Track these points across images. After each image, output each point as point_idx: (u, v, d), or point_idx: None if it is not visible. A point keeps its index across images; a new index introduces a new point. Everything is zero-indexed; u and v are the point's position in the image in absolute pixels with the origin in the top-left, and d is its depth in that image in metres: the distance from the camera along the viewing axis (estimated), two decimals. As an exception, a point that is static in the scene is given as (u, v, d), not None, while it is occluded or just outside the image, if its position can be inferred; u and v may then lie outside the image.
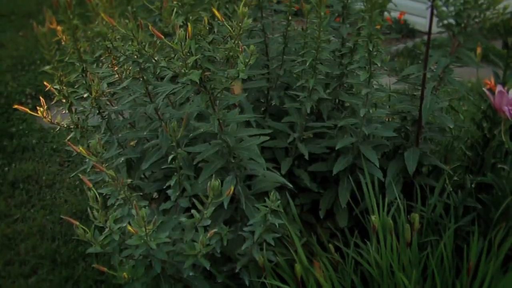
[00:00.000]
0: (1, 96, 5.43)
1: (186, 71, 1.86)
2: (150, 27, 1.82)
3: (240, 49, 1.90)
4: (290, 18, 2.53)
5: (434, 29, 2.53)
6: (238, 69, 1.90)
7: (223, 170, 2.30)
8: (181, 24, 1.88)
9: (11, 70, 6.08)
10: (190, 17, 1.91)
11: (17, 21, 7.71)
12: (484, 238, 2.38)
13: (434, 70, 2.61)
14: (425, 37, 2.51)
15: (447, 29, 2.63)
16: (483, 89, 2.60)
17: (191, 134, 2.26)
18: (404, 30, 6.50)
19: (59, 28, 2.44)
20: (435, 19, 2.53)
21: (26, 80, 5.78)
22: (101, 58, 2.56)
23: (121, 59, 2.26)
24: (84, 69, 2.39)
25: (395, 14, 6.47)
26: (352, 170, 2.63)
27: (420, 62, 2.64)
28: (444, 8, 2.60)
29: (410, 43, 6.26)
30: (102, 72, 2.51)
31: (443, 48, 2.67)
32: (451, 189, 2.59)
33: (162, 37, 1.81)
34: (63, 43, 2.42)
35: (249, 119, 2.37)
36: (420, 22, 6.40)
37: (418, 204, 2.56)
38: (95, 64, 2.58)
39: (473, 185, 2.70)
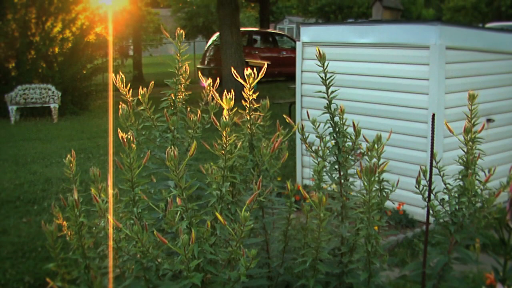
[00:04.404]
0: (-1, 284, 5.40)
1: (188, 274, 1.89)
2: (155, 232, 1.88)
3: (242, 253, 1.94)
4: (290, 217, 2.59)
5: (432, 218, 2.60)
6: (239, 272, 1.93)
7: None
8: (185, 228, 1.94)
9: (11, 257, 6.07)
10: (194, 221, 1.98)
11: (22, 207, 7.83)
12: None
13: (434, 266, 2.63)
14: (425, 227, 2.57)
15: (443, 227, 2.69)
16: (483, 288, 2.61)
17: None
18: (404, 220, 6.55)
19: (65, 223, 2.50)
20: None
21: (25, 267, 5.75)
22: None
23: (125, 258, 2.29)
24: (87, 265, 2.42)
25: (394, 205, 6.57)
26: None
27: (420, 255, 2.67)
28: (439, 207, 2.69)
29: (410, 234, 6.27)
30: (105, 268, 2.54)
31: (441, 245, 2.72)
32: None
33: (166, 241, 1.86)
34: (67, 238, 2.47)
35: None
36: (419, 212, 6.42)
37: None
38: (97, 260, 2.60)
39: None
